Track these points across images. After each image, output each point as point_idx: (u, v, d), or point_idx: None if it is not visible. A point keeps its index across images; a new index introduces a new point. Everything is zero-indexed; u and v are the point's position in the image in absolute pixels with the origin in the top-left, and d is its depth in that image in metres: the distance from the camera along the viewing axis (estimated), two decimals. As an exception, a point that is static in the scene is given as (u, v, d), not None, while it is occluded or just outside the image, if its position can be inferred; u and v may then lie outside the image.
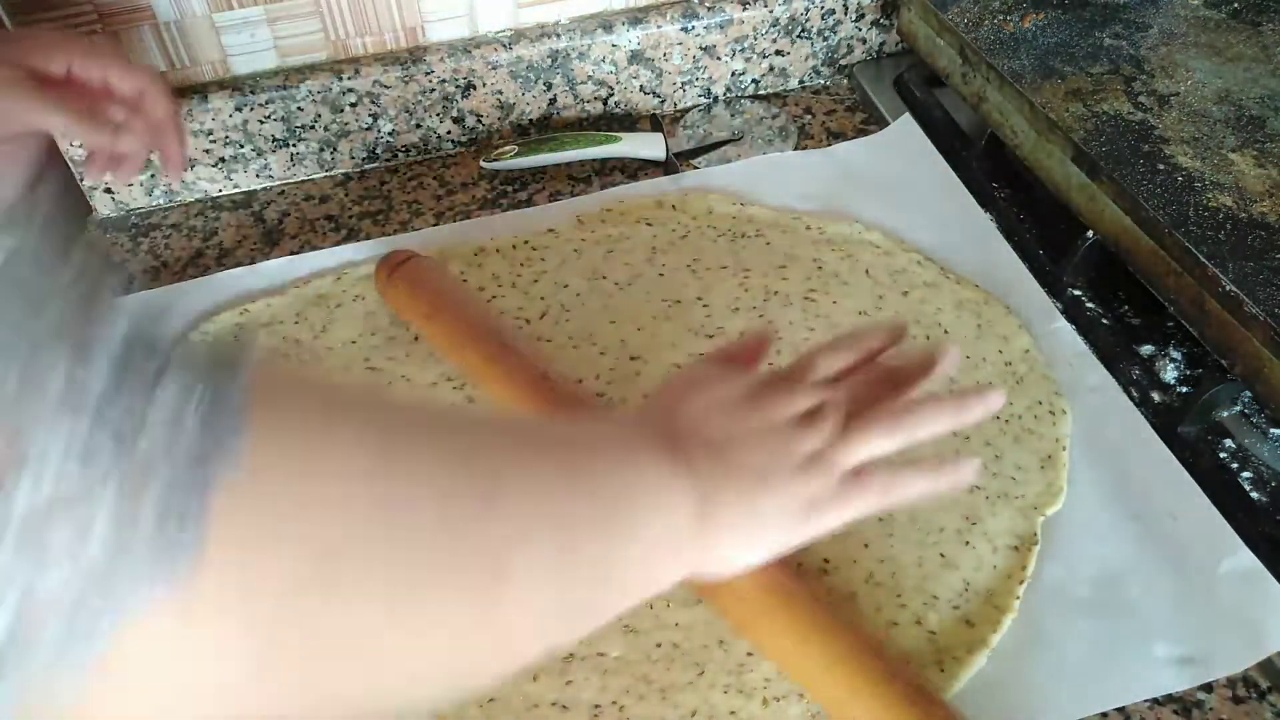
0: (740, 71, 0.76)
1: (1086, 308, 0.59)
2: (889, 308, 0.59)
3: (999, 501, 0.50)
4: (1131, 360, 0.56)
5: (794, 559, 0.44)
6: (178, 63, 0.67)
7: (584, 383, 0.55)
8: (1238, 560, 0.46)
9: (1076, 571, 0.47)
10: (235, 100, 0.68)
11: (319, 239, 0.67)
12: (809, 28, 0.75)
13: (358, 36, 0.69)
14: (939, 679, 0.44)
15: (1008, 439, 0.53)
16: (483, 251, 0.63)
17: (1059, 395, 0.54)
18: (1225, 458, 0.52)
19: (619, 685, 0.44)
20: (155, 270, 0.66)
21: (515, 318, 0.59)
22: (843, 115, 0.76)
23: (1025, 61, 0.63)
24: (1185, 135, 0.57)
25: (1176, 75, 0.62)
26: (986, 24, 0.66)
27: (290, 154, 0.71)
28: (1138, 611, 0.46)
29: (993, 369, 0.56)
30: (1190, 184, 0.54)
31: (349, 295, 0.61)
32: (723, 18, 0.73)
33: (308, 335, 0.59)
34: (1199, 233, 0.51)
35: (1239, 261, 0.49)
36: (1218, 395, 0.52)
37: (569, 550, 0.32)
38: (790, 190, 0.67)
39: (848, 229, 0.64)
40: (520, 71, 0.72)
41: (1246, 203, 0.53)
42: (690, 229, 0.64)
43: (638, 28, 0.72)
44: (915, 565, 0.48)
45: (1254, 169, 0.55)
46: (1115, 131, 0.57)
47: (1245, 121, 0.58)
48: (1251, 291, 0.47)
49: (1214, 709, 0.44)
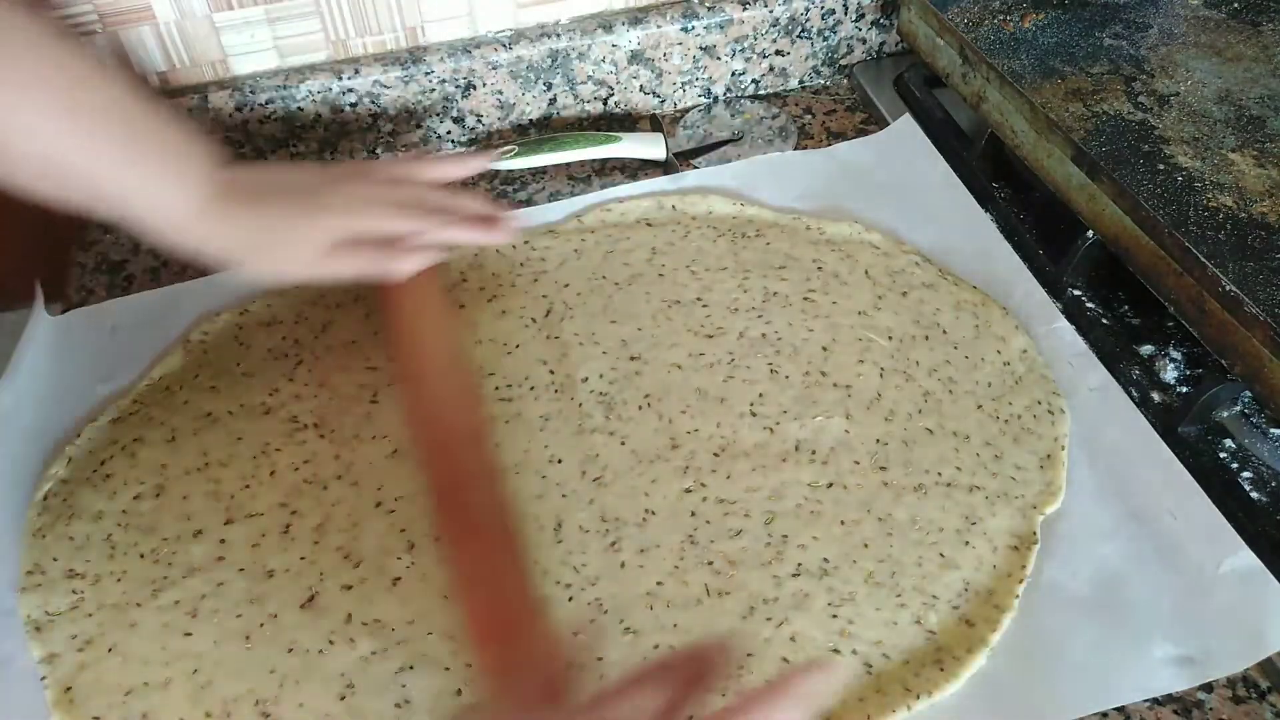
0: (740, 71, 0.76)
1: (1086, 308, 0.59)
2: (888, 308, 0.59)
3: (998, 501, 0.50)
4: (1131, 360, 0.56)
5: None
6: (178, 63, 0.67)
7: (588, 381, 0.56)
8: (1238, 560, 0.46)
9: (1076, 571, 0.47)
10: (235, 100, 0.68)
11: (319, 239, 0.67)
12: (809, 28, 0.75)
13: (358, 36, 0.69)
14: (939, 678, 0.44)
15: (1007, 439, 0.53)
16: (483, 252, 0.63)
17: (1057, 395, 0.54)
18: (1225, 458, 0.52)
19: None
20: (155, 270, 0.66)
21: (519, 316, 0.59)
22: (843, 115, 0.76)
23: (1025, 61, 0.63)
24: (1185, 135, 0.57)
25: (1176, 75, 0.62)
26: (986, 24, 0.66)
27: (290, 154, 0.71)
28: (1138, 611, 0.46)
29: (991, 369, 0.56)
30: (1190, 184, 0.54)
31: (349, 295, 0.61)
32: (723, 18, 0.73)
33: (308, 335, 0.59)
34: (1199, 233, 0.51)
35: (1239, 261, 0.49)
36: (1218, 395, 0.52)
37: None
38: (790, 190, 0.67)
39: (848, 229, 0.64)
40: (520, 71, 0.72)
41: (1246, 203, 0.53)
42: (690, 229, 0.64)
43: (638, 28, 0.72)
44: (915, 565, 0.48)
45: (1254, 169, 0.55)
46: (1115, 131, 0.57)
47: (1245, 121, 0.58)
48: (1251, 291, 0.47)
49: (1214, 709, 0.44)
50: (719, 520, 0.49)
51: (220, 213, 0.49)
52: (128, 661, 0.46)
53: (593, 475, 0.51)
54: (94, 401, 0.56)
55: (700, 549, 0.48)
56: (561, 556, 0.48)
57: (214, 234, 0.49)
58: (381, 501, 0.51)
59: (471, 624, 0.42)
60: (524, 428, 0.54)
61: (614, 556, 0.48)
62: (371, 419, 0.54)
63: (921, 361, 0.56)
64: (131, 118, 0.46)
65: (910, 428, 0.53)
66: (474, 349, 0.58)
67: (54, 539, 0.50)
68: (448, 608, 0.47)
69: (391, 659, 0.45)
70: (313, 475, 0.52)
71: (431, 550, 0.49)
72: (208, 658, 0.45)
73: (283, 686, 0.44)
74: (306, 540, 0.49)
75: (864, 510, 0.50)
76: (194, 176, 0.48)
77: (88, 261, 0.67)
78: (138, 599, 0.48)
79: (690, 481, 0.51)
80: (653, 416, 0.54)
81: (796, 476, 0.51)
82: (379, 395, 0.55)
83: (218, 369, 0.57)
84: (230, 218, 0.49)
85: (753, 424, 0.53)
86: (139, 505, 0.51)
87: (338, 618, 0.47)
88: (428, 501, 0.48)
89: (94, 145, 0.45)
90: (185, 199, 0.47)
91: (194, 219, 0.48)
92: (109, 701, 0.44)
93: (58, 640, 0.46)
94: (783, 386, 0.55)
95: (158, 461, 0.53)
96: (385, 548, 0.49)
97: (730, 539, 0.49)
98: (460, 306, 0.60)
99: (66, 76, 0.45)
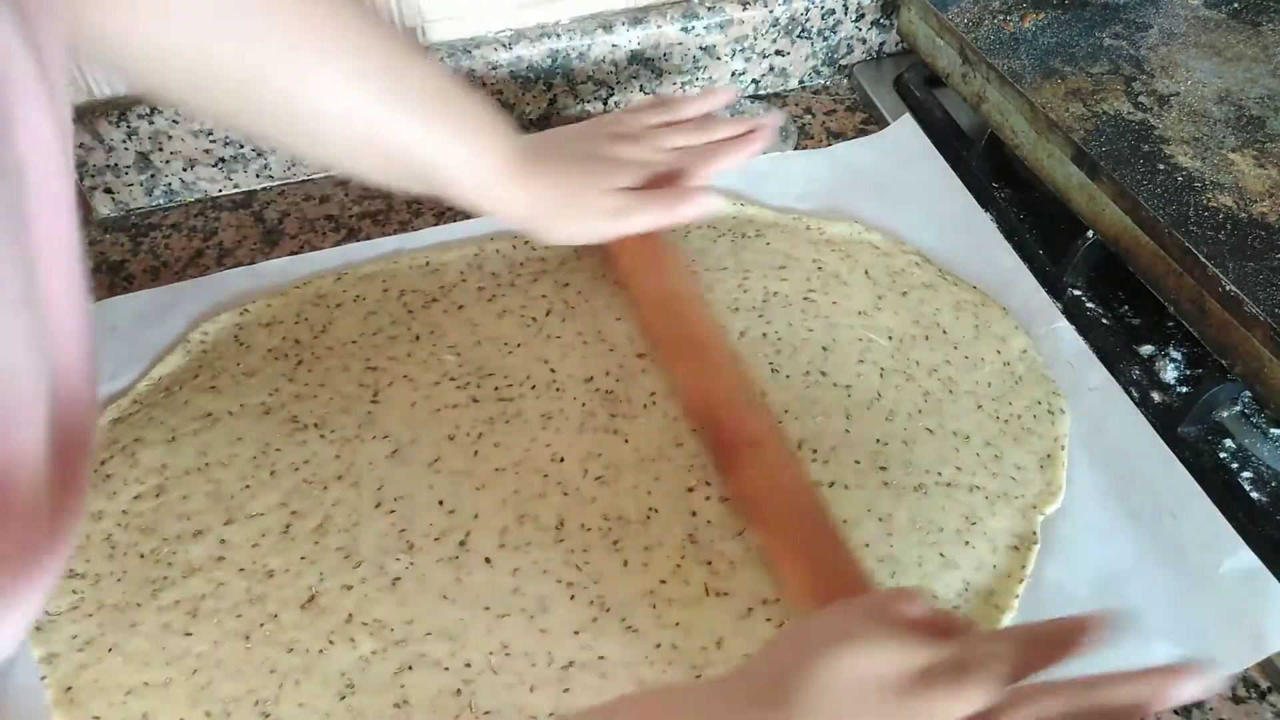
0: (740, 71, 0.77)
1: (1086, 308, 0.59)
2: (888, 308, 0.59)
3: (998, 501, 0.50)
4: (1131, 360, 0.56)
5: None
6: (178, 63, 0.67)
7: (593, 379, 0.55)
8: (1238, 560, 0.46)
9: (1076, 571, 0.48)
10: (235, 100, 0.68)
11: (319, 239, 0.67)
12: (809, 28, 0.75)
13: (358, 36, 0.69)
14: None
15: (1007, 439, 0.53)
16: (482, 252, 0.63)
17: (1057, 395, 0.54)
18: (1225, 458, 0.52)
19: (615, 692, 0.44)
20: (155, 270, 0.66)
21: (519, 316, 0.59)
22: (843, 115, 0.76)
23: (1025, 61, 0.63)
24: (1185, 135, 0.57)
25: (1177, 75, 0.62)
26: (986, 24, 0.66)
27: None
28: (1138, 611, 0.46)
29: (991, 369, 0.56)
30: (1190, 184, 0.54)
31: (349, 295, 0.61)
32: (723, 18, 0.73)
33: (308, 335, 0.59)
34: (1199, 233, 0.51)
35: (1239, 261, 0.49)
36: (1218, 395, 0.52)
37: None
38: (790, 190, 0.67)
39: (848, 229, 0.64)
40: (520, 71, 0.72)
41: (1246, 203, 0.53)
42: (690, 229, 0.64)
43: (638, 28, 0.72)
44: (915, 565, 0.48)
45: (1254, 169, 0.55)
46: (1115, 131, 0.57)
47: (1245, 121, 0.58)
48: (1251, 291, 0.47)
49: (1214, 709, 0.44)
50: (721, 519, 0.49)
51: (518, 181, 0.52)
52: (128, 661, 0.46)
53: (595, 474, 0.51)
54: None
55: (701, 548, 0.48)
56: (563, 555, 0.48)
57: (515, 200, 0.53)
58: (381, 501, 0.51)
59: (797, 585, 0.44)
60: (525, 426, 0.54)
61: (616, 555, 0.48)
62: (371, 419, 0.54)
63: (921, 361, 0.56)
64: (440, 91, 0.50)
65: (910, 428, 0.53)
66: (474, 349, 0.58)
67: (54, 539, 0.50)
68: (448, 608, 0.47)
69: (391, 659, 0.45)
70: (313, 475, 0.52)
71: (431, 550, 0.49)
72: (208, 658, 0.45)
73: (283, 686, 0.44)
74: (306, 540, 0.49)
75: (864, 509, 0.50)
76: (497, 146, 0.51)
77: (88, 261, 0.66)
78: (138, 599, 0.48)
79: (693, 480, 0.51)
80: (657, 415, 0.54)
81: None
82: (379, 395, 0.55)
83: (218, 369, 0.57)
84: (527, 186, 0.53)
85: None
86: (139, 505, 0.51)
87: (338, 618, 0.47)
88: (712, 459, 0.51)
89: (410, 120, 0.49)
90: (490, 167, 0.51)
91: (496, 185, 0.52)
92: (109, 701, 0.44)
93: (58, 640, 0.46)
94: (783, 386, 0.55)
95: (158, 461, 0.53)
96: (385, 548, 0.49)
97: (732, 539, 0.49)
98: (460, 307, 0.60)
99: (386, 55, 0.48)
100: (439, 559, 0.48)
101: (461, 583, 0.48)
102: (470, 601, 0.47)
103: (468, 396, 0.55)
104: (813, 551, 0.45)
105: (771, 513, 0.47)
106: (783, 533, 0.46)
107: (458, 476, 0.52)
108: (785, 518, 0.46)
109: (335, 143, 0.49)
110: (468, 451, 0.53)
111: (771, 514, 0.47)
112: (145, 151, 0.68)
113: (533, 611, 0.46)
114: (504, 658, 0.45)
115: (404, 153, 0.50)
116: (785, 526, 0.46)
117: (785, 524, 0.46)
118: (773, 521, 0.47)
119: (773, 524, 0.47)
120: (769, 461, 0.49)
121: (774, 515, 0.47)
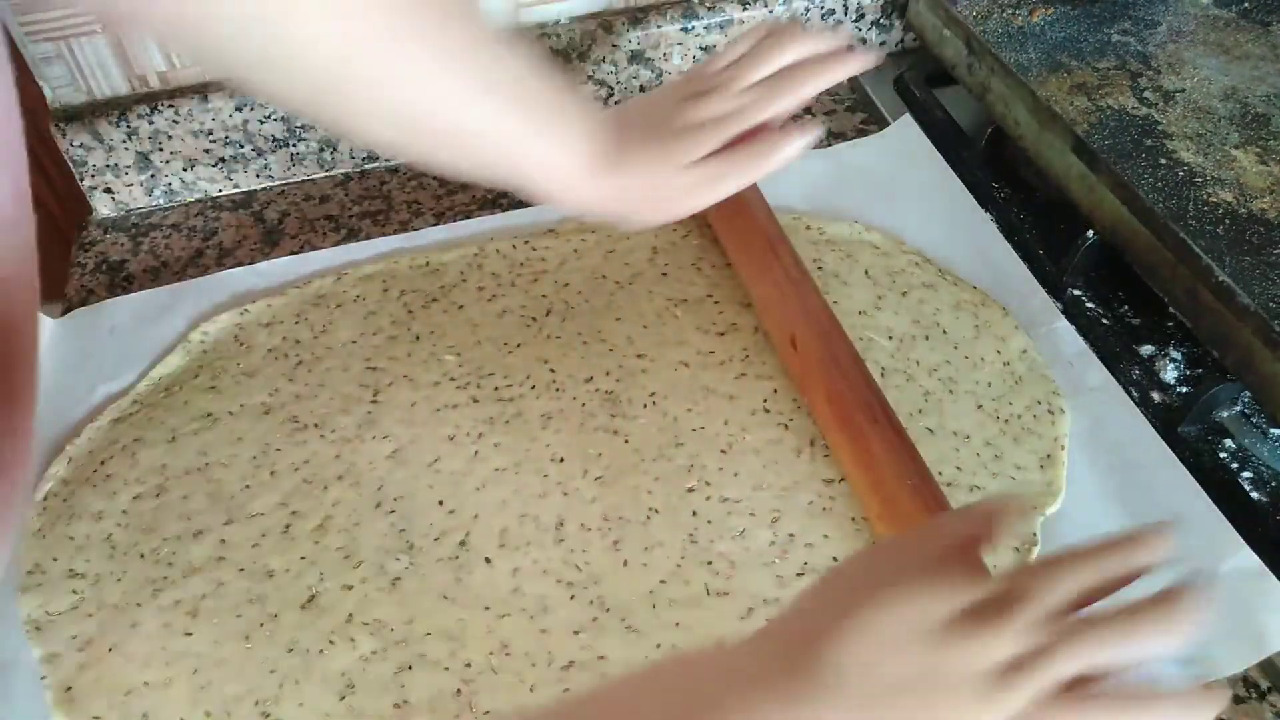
0: (740, 71, 0.76)
1: (1086, 308, 0.59)
2: (888, 308, 0.59)
3: (999, 501, 0.50)
4: (1131, 360, 0.56)
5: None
6: (178, 63, 0.67)
7: (593, 380, 0.55)
8: (1238, 560, 0.46)
9: (1077, 571, 0.47)
10: (235, 100, 0.67)
11: (319, 239, 0.67)
12: (809, 28, 0.75)
13: (358, 36, 0.69)
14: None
15: (1007, 439, 0.53)
16: (482, 252, 0.63)
17: (1057, 395, 0.54)
18: (1225, 458, 0.52)
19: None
20: (155, 270, 0.66)
21: (519, 315, 0.59)
22: (843, 115, 0.76)
23: (1032, 55, 0.63)
24: (1189, 131, 0.57)
25: (1183, 72, 0.62)
26: (995, 17, 0.66)
27: (290, 154, 0.71)
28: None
29: (991, 369, 0.56)
30: (1191, 178, 0.54)
31: (349, 295, 0.61)
32: (723, 18, 0.73)
33: (308, 335, 0.59)
34: (1197, 226, 0.51)
35: (1236, 255, 0.49)
36: (1218, 395, 0.52)
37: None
38: (790, 190, 0.67)
39: (848, 229, 0.64)
40: (520, 71, 0.71)
41: (1247, 199, 0.53)
42: (691, 229, 0.64)
43: (638, 28, 0.72)
44: (915, 565, 0.48)
45: (1256, 165, 0.55)
46: (1118, 125, 0.57)
47: (1250, 119, 0.58)
48: (1245, 284, 0.48)
49: (1214, 709, 0.44)
50: (721, 519, 0.49)
51: (601, 176, 0.50)
52: (128, 661, 0.46)
53: (595, 474, 0.51)
54: (94, 401, 0.56)
55: (701, 548, 0.48)
56: (563, 555, 0.48)
57: (599, 197, 0.51)
58: (381, 502, 0.51)
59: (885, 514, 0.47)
60: (525, 426, 0.54)
61: (616, 555, 0.48)
62: (371, 419, 0.54)
63: (921, 361, 0.56)
64: (531, 87, 0.48)
65: (910, 428, 0.53)
66: (474, 349, 0.58)
67: (54, 539, 0.50)
68: (447, 608, 0.47)
69: (391, 659, 0.45)
70: (313, 475, 0.52)
71: (431, 550, 0.49)
72: (208, 658, 0.45)
73: (283, 686, 0.44)
74: (306, 540, 0.49)
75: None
76: (582, 144, 0.50)
77: (88, 261, 0.67)
78: (138, 599, 0.48)
79: (693, 480, 0.51)
80: (657, 415, 0.54)
81: (812, 472, 0.51)
82: (379, 395, 0.55)
83: (218, 369, 0.57)
84: (609, 181, 0.51)
85: (765, 420, 0.53)
86: (139, 505, 0.51)
87: (338, 618, 0.47)
88: (820, 411, 0.52)
89: (501, 115, 0.47)
90: (575, 165, 0.50)
91: (580, 183, 0.50)
92: (109, 701, 0.44)
93: (58, 640, 0.46)
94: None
95: (158, 462, 0.53)
96: (385, 548, 0.49)
97: (733, 538, 0.49)
98: (460, 307, 0.60)
99: (479, 48, 0.46)
100: (439, 559, 0.48)
101: (461, 583, 0.48)
102: (470, 601, 0.47)
103: (468, 396, 0.55)
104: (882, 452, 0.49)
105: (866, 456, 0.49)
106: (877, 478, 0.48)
107: (458, 476, 0.52)
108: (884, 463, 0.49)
109: (429, 141, 0.47)
110: (468, 451, 0.53)
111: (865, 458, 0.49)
112: (145, 151, 0.68)
113: (533, 611, 0.46)
114: (504, 658, 0.45)
115: (493, 156, 0.49)
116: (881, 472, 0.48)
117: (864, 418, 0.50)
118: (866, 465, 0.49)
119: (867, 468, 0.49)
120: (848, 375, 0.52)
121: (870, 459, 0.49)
